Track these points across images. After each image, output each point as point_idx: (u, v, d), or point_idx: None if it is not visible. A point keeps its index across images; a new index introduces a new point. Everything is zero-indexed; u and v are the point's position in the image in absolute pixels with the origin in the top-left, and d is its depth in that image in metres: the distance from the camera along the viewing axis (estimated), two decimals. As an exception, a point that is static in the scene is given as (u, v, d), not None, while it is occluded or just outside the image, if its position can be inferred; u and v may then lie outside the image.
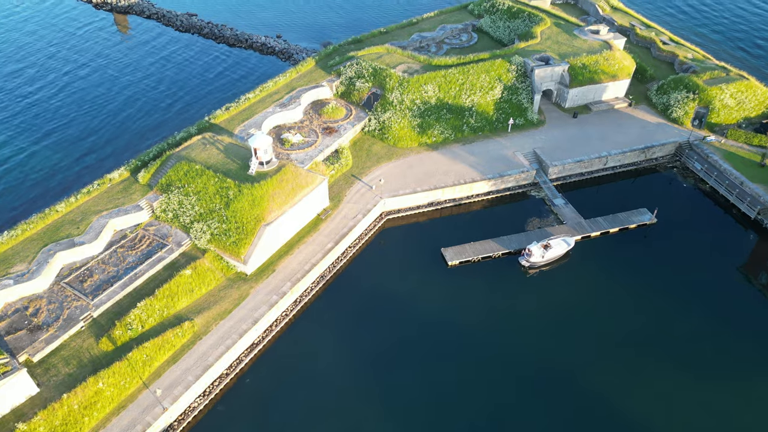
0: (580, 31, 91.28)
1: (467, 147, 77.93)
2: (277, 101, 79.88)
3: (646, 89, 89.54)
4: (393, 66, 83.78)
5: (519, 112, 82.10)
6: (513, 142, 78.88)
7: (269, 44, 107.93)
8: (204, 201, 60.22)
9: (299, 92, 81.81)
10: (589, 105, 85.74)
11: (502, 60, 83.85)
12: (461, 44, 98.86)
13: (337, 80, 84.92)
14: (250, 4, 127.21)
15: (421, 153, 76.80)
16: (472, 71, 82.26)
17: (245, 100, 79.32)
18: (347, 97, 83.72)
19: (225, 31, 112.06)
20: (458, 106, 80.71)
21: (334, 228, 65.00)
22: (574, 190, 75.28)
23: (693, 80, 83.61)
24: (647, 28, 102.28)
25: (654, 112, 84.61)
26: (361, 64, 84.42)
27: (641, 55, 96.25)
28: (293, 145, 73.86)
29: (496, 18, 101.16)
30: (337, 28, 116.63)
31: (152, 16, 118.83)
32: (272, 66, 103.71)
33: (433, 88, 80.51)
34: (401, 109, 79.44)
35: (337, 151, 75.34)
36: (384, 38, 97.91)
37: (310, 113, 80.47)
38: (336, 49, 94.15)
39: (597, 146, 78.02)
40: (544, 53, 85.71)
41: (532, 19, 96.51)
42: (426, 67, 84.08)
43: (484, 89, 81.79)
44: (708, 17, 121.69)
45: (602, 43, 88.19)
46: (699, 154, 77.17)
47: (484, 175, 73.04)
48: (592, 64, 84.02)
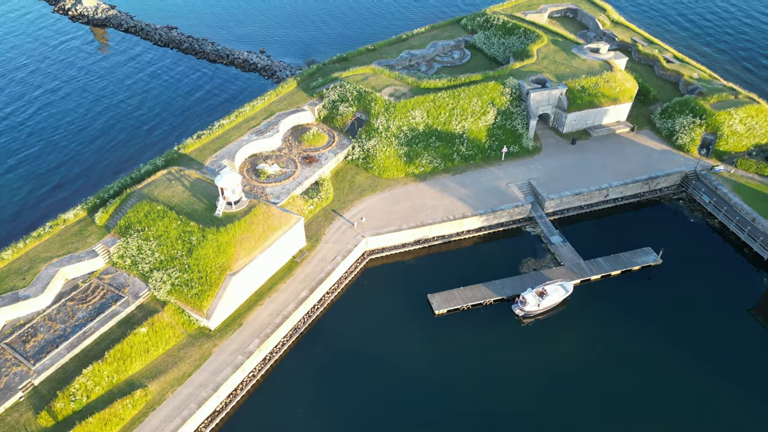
0: (579, 49, 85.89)
1: (457, 177, 72.45)
2: (254, 127, 74.37)
3: (650, 112, 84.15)
4: (379, 89, 78.33)
5: (513, 139, 76.68)
6: (507, 171, 73.43)
7: (251, 60, 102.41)
8: (165, 247, 54.68)
9: (278, 117, 76.32)
10: (588, 130, 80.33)
11: (496, 82, 78.42)
12: (453, 62, 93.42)
13: (319, 103, 79.46)
14: (233, 17, 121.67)
15: (407, 184, 71.33)
16: (464, 95, 76.82)
17: (219, 127, 73.76)
18: (330, 122, 78.25)
19: (205, 46, 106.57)
20: (448, 133, 75.26)
21: (311, 272, 59.48)
22: (572, 225, 69.84)
23: (699, 104, 78.23)
24: (650, 44, 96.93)
25: (658, 138, 79.21)
26: (344, 87, 78.95)
27: (644, 74, 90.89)
28: (269, 177, 68.38)
29: (491, 34, 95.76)
30: (323, 43, 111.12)
31: (130, 30, 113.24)
32: (254, 84, 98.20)
33: (421, 113, 75.06)
34: (387, 137, 73.98)
35: (317, 182, 69.84)
36: (371, 56, 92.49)
37: (290, 140, 74.98)
38: (320, 68, 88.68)
39: (597, 176, 72.63)
40: (541, 74, 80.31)
41: (528, 36, 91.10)
42: (414, 90, 78.62)
43: (476, 114, 76.37)
44: (711, 32, 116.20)
45: (602, 63, 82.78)
46: (707, 185, 71.76)
47: (475, 210, 67.56)
48: (592, 87, 78.61)
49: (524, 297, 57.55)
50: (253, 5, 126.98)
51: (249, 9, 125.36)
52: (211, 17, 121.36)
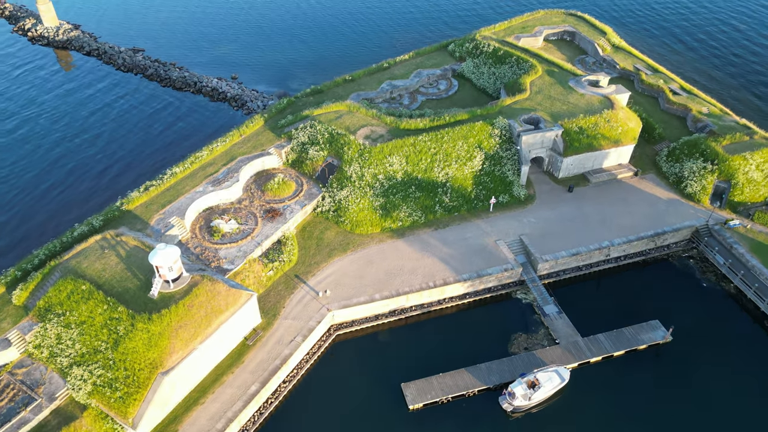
0: (576, 82, 77.77)
1: (440, 233, 64.25)
2: (211, 176, 66.04)
3: (655, 152, 76.06)
4: (354, 130, 70.13)
5: (503, 187, 68.51)
6: (495, 226, 65.24)
7: (221, 89, 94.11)
8: (88, 336, 46.35)
9: (240, 163, 68.04)
10: (587, 175, 72.18)
11: (483, 123, 70.24)
12: (439, 94, 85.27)
13: (287, 145, 71.19)
14: (205, 38, 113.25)
15: (383, 242, 63.10)
16: (447, 137, 68.64)
17: (171, 176, 65.35)
18: (299, 167, 70.02)
19: (172, 72, 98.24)
20: (430, 182, 67.07)
21: (264, 359, 51.17)
22: (568, 288, 61.67)
23: (711, 146, 70.11)
24: (654, 73, 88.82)
25: (664, 184, 71.07)
26: (315, 128, 70.73)
27: (648, 108, 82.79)
28: (224, 236, 60.14)
29: (480, 62, 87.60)
30: (300, 66, 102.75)
31: (93, 53, 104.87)
32: (222, 116, 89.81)
33: (399, 159, 66.86)
34: (361, 186, 65.76)
35: (280, 241, 61.60)
36: (349, 87, 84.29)
37: (252, 189, 66.71)
38: (291, 103, 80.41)
39: (596, 232, 64.47)
40: (534, 113, 72.18)
41: (520, 66, 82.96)
42: (393, 131, 70.43)
43: (461, 160, 68.20)
44: (719, 53, 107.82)
45: (602, 99, 74.64)
46: (721, 243, 63.63)
47: (458, 275, 59.35)
48: (591, 128, 70.48)
49: (513, 390, 49.27)
50: (227, 25, 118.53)
51: (222, 29, 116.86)
52: (181, 38, 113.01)
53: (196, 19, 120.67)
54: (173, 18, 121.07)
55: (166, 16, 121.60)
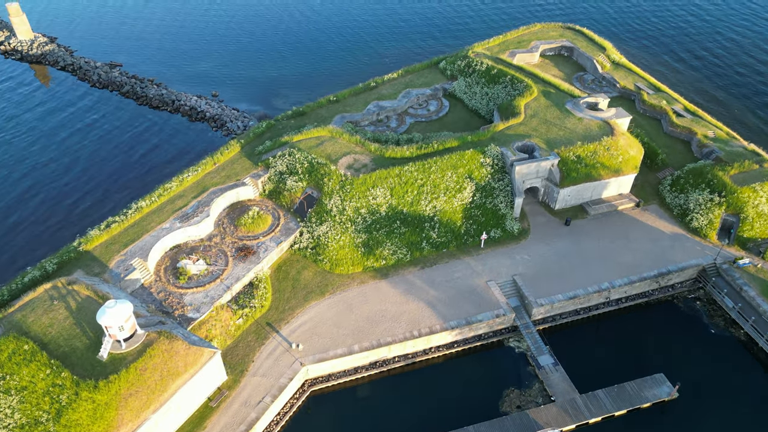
0: (574, 105, 73.08)
1: (427, 273, 59.48)
2: (180, 210, 61.18)
3: (658, 180, 71.36)
4: (335, 158, 65.38)
5: (495, 221, 63.80)
6: (486, 264, 60.47)
7: (200, 108, 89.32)
8: (29, 404, 41.44)
9: (212, 195, 63.19)
10: (585, 206, 67.49)
11: (474, 151, 65.54)
12: (428, 116, 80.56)
13: (264, 174, 66.41)
14: (185, 52, 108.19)
15: (365, 283, 58.30)
16: (435, 167, 63.91)
17: (136, 211, 60.50)
18: (276, 198, 65.23)
19: (149, 90, 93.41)
20: (416, 216, 62.32)
21: (229, 423, 46.27)
22: (565, 334, 56.94)
23: (717, 176, 65.44)
24: (656, 92, 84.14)
25: (668, 217, 66.37)
26: (294, 156, 65.95)
27: (650, 131, 78.13)
28: (191, 279, 55.33)
29: (472, 81, 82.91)
30: (284, 84, 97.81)
31: (68, 68, 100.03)
32: (201, 138, 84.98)
33: (383, 192, 62.10)
34: (342, 222, 60.98)
35: (252, 284, 56.83)
36: (333, 109, 79.53)
37: (224, 224, 61.92)
38: (270, 126, 75.62)
39: (596, 270, 59.75)
40: (528, 139, 67.49)
41: (515, 86, 78.29)
42: (377, 160, 65.68)
43: (451, 191, 63.47)
44: (722, 71, 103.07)
45: (601, 123, 69.97)
46: (729, 284, 58.92)
47: (446, 322, 54.58)
48: (589, 156, 65.78)
49: (503, 460, 44.66)
50: (208, 39, 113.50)
51: (204, 43, 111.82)
52: (161, 52, 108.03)
53: (177, 32, 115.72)
54: (153, 30, 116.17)
55: (145, 29, 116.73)
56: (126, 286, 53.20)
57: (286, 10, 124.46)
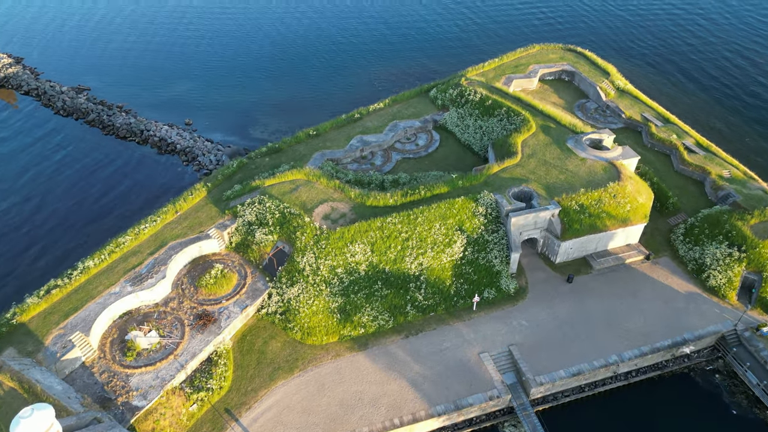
0: (576, 142, 66.30)
1: (411, 343, 52.58)
2: (133, 270, 54.29)
3: (669, 228, 64.61)
4: (310, 207, 58.53)
5: (489, 279, 56.93)
6: (479, 331, 53.57)
7: (170, 139, 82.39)
8: None
9: (170, 251, 56.29)
10: (589, 259, 60.70)
11: (466, 199, 58.72)
12: (417, 151, 73.73)
13: (231, 224, 59.53)
14: (159, 75, 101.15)
15: (341, 356, 51.38)
16: (422, 218, 57.07)
17: (82, 272, 53.55)
18: (244, 252, 58.33)
19: (116, 118, 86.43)
20: (400, 275, 55.43)
21: None
22: (567, 415, 50.11)
23: (736, 226, 58.65)
24: (665, 123, 77.36)
25: (682, 272, 59.52)
26: (265, 204, 59.08)
27: (659, 167, 71.41)
28: (140, 355, 48.41)
29: (465, 113, 76.15)
30: (264, 110, 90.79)
31: (32, 92, 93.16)
32: (170, 174, 77.92)
33: (363, 248, 55.22)
34: (315, 283, 54.10)
35: (211, 360, 49.96)
36: (313, 144, 72.69)
37: (184, 284, 54.99)
38: (242, 165, 68.73)
39: (602, 339, 52.92)
40: (526, 184, 60.69)
41: (511, 120, 71.54)
42: (357, 208, 58.82)
43: (439, 246, 56.63)
44: (734, 95, 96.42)
45: (607, 165, 63.19)
46: (753, 355, 52.06)
47: (432, 406, 47.66)
48: (594, 205, 58.99)
49: None
50: (183, 60, 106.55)
51: (179, 65, 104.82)
52: (132, 75, 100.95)
53: (152, 53, 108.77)
54: (126, 51, 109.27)
55: (118, 49, 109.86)
56: (63, 367, 46.26)
57: (267, 30, 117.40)
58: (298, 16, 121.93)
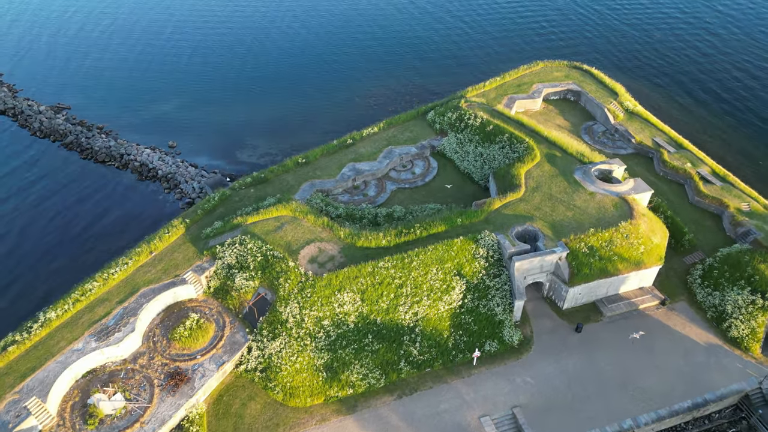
0: (584, 174, 61.45)
1: (405, 404, 47.66)
2: (100, 321, 49.50)
3: (685, 267, 59.72)
4: (296, 248, 53.67)
5: (490, 329, 52.05)
6: (479, 390, 48.67)
7: (151, 164, 77.49)
8: None
9: (142, 298, 51.43)
10: (599, 305, 55.83)
11: (465, 239, 53.85)
12: (413, 181, 68.88)
13: (210, 266, 54.70)
14: (144, 93, 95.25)
15: (327, 421, 46.45)
16: (418, 261, 52.21)
17: (43, 325, 48.66)
18: (222, 298, 53.47)
19: (96, 141, 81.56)
20: (393, 327, 50.58)
21: None
22: (578, 487, 45.44)
23: (759, 270, 53.70)
24: (678, 150, 72.38)
25: (700, 320, 54.63)
26: (246, 245, 54.23)
27: (672, 199, 66.55)
28: (103, 423, 43.56)
29: (465, 139, 71.31)
30: (251, 134, 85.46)
31: (8, 112, 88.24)
32: (151, 203, 72.82)
33: (352, 297, 50.37)
34: (299, 336, 49.27)
35: (182, 426, 45.12)
36: (302, 173, 67.81)
37: (156, 336, 50.15)
38: (225, 198, 63.83)
39: (616, 400, 48.01)
40: (530, 223, 55.83)
41: (514, 147, 66.73)
42: (347, 250, 53.98)
43: (436, 293, 51.79)
44: (750, 122, 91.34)
45: (618, 200, 58.35)
46: (782, 419, 47.43)
47: (426, 481, 43.01)
48: (604, 247, 54.10)
49: None
50: (170, 76, 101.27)
51: (165, 81, 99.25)
52: (115, 91, 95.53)
53: (134, 69, 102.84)
54: (108, 66, 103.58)
55: (99, 64, 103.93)
56: (15, 439, 41.53)
57: (256, 45, 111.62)
58: (289, 32, 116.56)
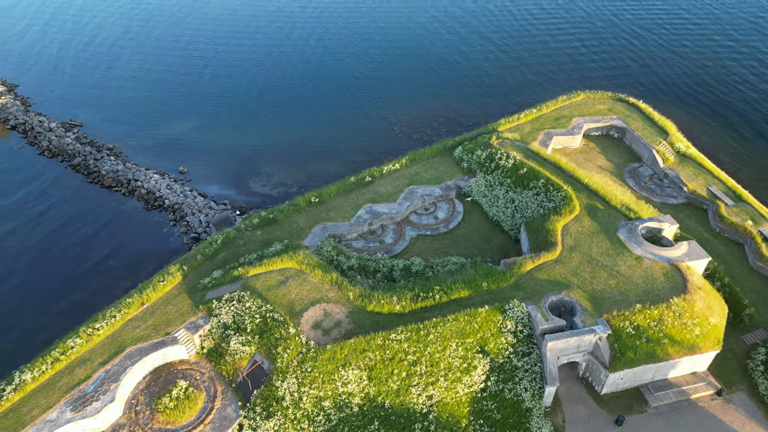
0: (629, 232, 54.11)
1: (412, 505, 41.60)
2: (78, 385, 44.54)
3: (745, 349, 51.74)
4: (299, 310, 47.92)
5: (515, 418, 45.26)
6: (500, 492, 42.29)
7: (159, 192, 72.91)
8: None
9: (126, 360, 46.28)
10: (643, 390, 48.44)
11: (491, 309, 47.27)
12: (436, 227, 62.45)
13: (205, 324, 49.45)
14: (158, 113, 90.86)
15: None
16: (435, 334, 45.85)
17: (16, 389, 43.84)
18: (216, 361, 48.01)
19: (104, 163, 77.53)
20: (404, 411, 44.31)
21: None
22: None
23: (838, 361, 45.97)
24: (738, 203, 64.16)
25: (762, 416, 46.46)
26: (245, 304, 48.76)
27: (730, 262, 58.50)
28: None
29: (495, 181, 64.61)
30: (266, 160, 79.94)
31: (18, 127, 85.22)
32: (153, 237, 67.91)
33: (358, 375, 44.32)
34: (296, 419, 43.40)
35: None
36: (314, 213, 62.12)
37: (139, 404, 44.97)
38: (229, 241, 58.48)
39: None
40: (567, 292, 48.85)
41: (550, 195, 59.75)
42: (355, 315, 47.96)
43: (454, 373, 45.33)
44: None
45: (669, 268, 50.89)
46: None
47: None
48: (652, 327, 46.75)
49: None
50: (186, 94, 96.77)
51: (181, 100, 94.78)
52: (129, 109, 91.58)
53: (152, 84, 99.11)
54: (124, 81, 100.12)
55: (114, 79, 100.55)
56: None
57: (278, 62, 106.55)
58: (308, 53, 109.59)
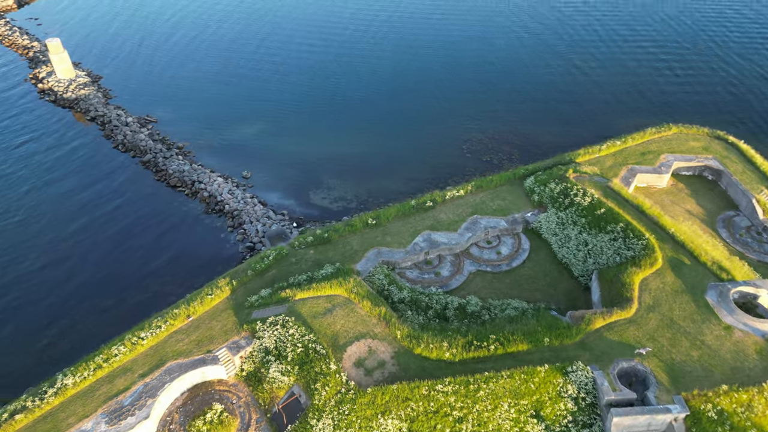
0: (720, 296, 47.83)
1: None
2: (116, 396, 44.10)
3: None
4: (342, 344, 45.44)
5: (568, 496, 40.84)
6: None
7: (220, 196, 72.94)
8: None
9: (166, 375, 45.50)
10: (720, 482, 42.62)
11: (551, 369, 42.79)
12: (498, 263, 58.21)
13: (247, 345, 48.01)
14: (232, 111, 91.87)
15: None
16: (486, 391, 42.01)
17: (57, 392, 43.96)
18: (254, 386, 46.41)
19: (171, 162, 78.58)
20: (442, 471, 40.93)
21: None
22: None
23: None
24: None
25: None
26: (288, 330, 46.87)
27: (836, 339, 50.93)
28: None
29: (567, 219, 59.52)
30: (328, 171, 78.28)
31: (97, 119, 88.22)
32: (210, 243, 67.65)
33: (398, 426, 41.12)
34: (328, 462, 41.06)
35: None
36: (370, 236, 59.51)
37: (174, 423, 44.00)
38: (281, 258, 56.94)
39: None
40: (637, 359, 43.60)
41: (629, 242, 54.08)
42: (402, 356, 44.84)
43: (503, 436, 41.43)
44: None
45: (764, 344, 44.36)
46: None
47: None
48: (739, 414, 40.64)
49: None
50: (258, 96, 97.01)
51: (252, 101, 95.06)
52: (203, 108, 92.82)
53: (230, 81, 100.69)
54: (199, 82, 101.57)
55: (191, 77, 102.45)
56: None
57: (350, 72, 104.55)
58: (383, 65, 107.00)
